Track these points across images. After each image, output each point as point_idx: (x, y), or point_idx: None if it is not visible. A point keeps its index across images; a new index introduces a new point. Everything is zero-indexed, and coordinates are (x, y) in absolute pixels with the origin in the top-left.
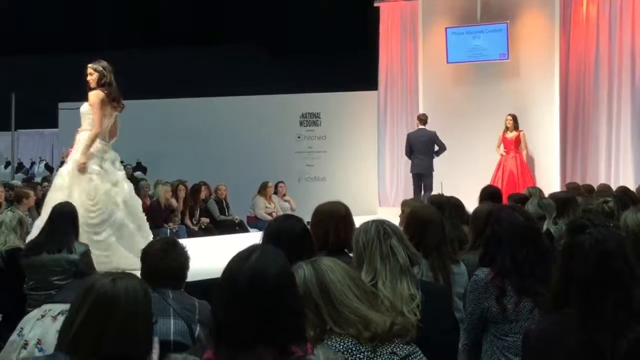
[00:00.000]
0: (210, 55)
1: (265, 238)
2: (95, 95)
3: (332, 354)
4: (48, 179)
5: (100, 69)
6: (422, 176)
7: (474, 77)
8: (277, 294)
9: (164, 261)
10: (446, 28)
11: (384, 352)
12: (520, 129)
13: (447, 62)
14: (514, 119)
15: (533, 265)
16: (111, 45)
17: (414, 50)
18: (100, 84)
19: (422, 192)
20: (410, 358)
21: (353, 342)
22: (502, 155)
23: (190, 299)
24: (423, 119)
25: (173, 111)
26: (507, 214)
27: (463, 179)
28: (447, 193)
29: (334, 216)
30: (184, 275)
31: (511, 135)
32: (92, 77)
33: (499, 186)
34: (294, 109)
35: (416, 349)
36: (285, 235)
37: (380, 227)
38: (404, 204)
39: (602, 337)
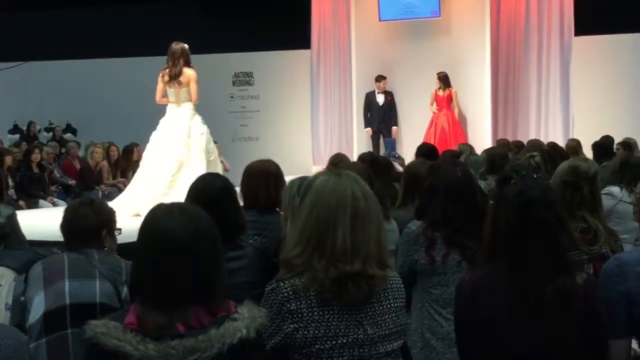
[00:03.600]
0: (142, 13)
1: (187, 197)
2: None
3: (256, 311)
4: None
5: None
6: None
7: (406, 34)
8: (190, 252)
9: (81, 221)
10: None
11: (351, 293)
12: (452, 86)
13: (380, 20)
14: (441, 78)
15: (463, 219)
16: (40, 4)
17: (346, 8)
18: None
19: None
20: (375, 305)
21: (322, 280)
22: (434, 112)
23: (117, 260)
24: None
25: (103, 71)
26: (447, 168)
27: (397, 137)
28: (381, 151)
29: (264, 174)
30: (100, 235)
31: (443, 93)
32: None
33: (432, 143)
34: (227, 68)
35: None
36: (205, 193)
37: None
38: (334, 159)
39: (528, 285)
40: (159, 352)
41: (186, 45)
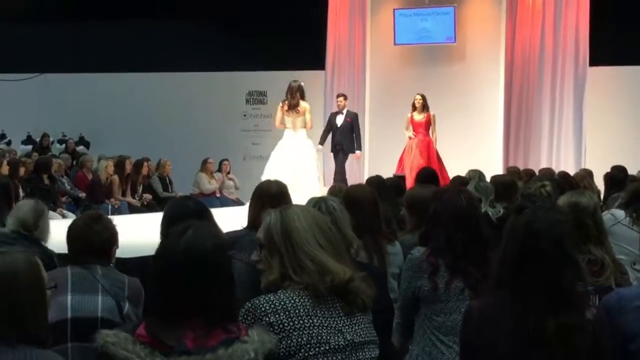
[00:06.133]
0: (158, 30)
1: (163, 219)
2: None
3: (266, 336)
4: None
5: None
6: None
7: (420, 59)
8: (210, 270)
9: (88, 236)
10: (394, 9)
11: (330, 306)
12: (430, 111)
13: (395, 44)
14: (424, 99)
15: (467, 246)
16: (56, 17)
17: (362, 30)
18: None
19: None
20: (355, 316)
21: (301, 296)
22: (410, 138)
23: (120, 276)
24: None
25: (118, 86)
26: (451, 195)
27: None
28: (392, 174)
29: (262, 195)
30: (110, 250)
31: (419, 117)
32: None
33: (405, 172)
34: (241, 86)
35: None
36: (180, 215)
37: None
38: (332, 190)
39: (527, 317)
40: None
41: (302, 83)
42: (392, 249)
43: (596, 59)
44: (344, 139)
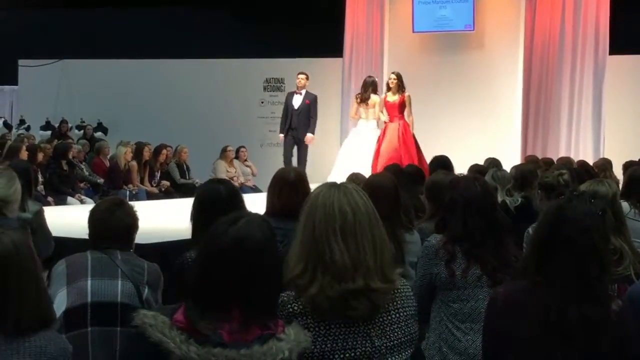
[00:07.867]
0: (176, 17)
1: (194, 202)
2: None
3: (302, 335)
4: (7, 137)
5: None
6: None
7: (439, 47)
8: (258, 260)
9: (110, 221)
10: None
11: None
12: (405, 91)
13: (413, 32)
14: (399, 78)
15: (484, 233)
16: (74, 4)
17: (381, 18)
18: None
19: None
20: (382, 317)
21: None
22: (385, 122)
23: (140, 261)
24: None
25: (136, 72)
26: (466, 182)
27: (425, 148)
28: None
29: (279, 182)
30: (131, 236)
31: (393, 98)
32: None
33: (374, 160)
34: (258, 73)
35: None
36: (211, 200)
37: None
38: (350, 179)
39: (549, 303)
40: (200, 356)
41: (376, 79)
42: (410, 238)
43: (616, 48)
44: (299, 122)
